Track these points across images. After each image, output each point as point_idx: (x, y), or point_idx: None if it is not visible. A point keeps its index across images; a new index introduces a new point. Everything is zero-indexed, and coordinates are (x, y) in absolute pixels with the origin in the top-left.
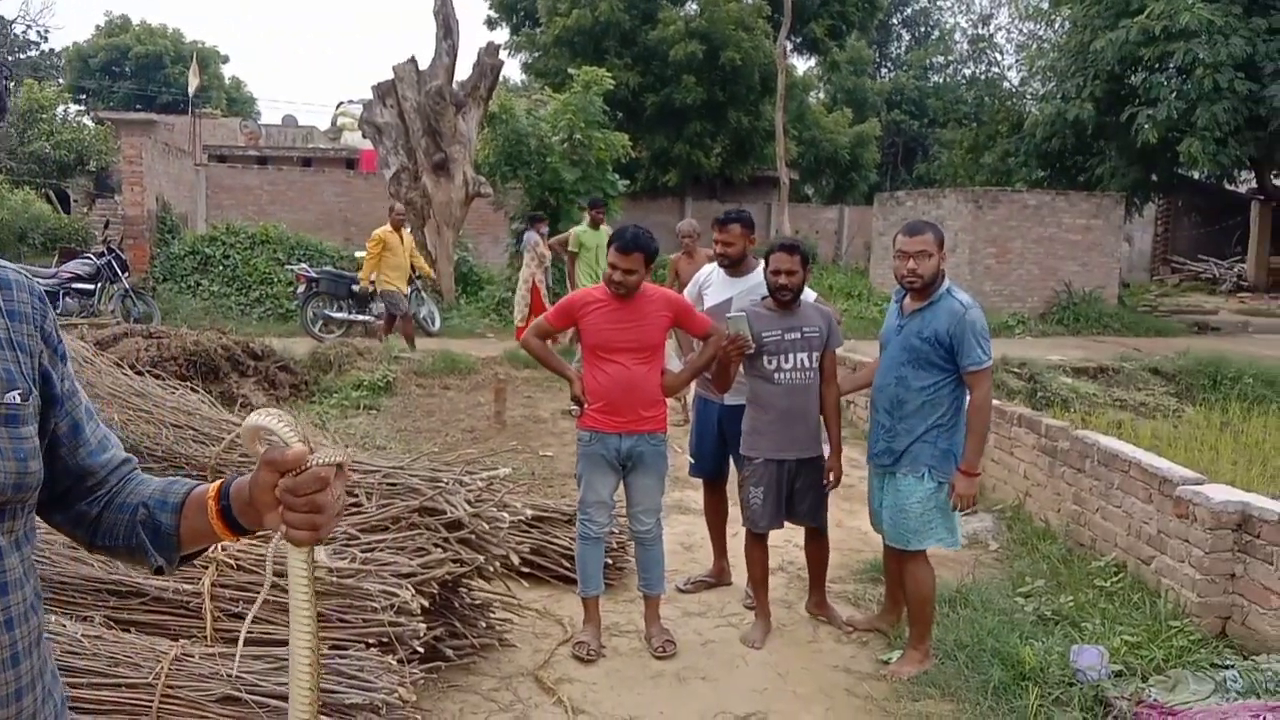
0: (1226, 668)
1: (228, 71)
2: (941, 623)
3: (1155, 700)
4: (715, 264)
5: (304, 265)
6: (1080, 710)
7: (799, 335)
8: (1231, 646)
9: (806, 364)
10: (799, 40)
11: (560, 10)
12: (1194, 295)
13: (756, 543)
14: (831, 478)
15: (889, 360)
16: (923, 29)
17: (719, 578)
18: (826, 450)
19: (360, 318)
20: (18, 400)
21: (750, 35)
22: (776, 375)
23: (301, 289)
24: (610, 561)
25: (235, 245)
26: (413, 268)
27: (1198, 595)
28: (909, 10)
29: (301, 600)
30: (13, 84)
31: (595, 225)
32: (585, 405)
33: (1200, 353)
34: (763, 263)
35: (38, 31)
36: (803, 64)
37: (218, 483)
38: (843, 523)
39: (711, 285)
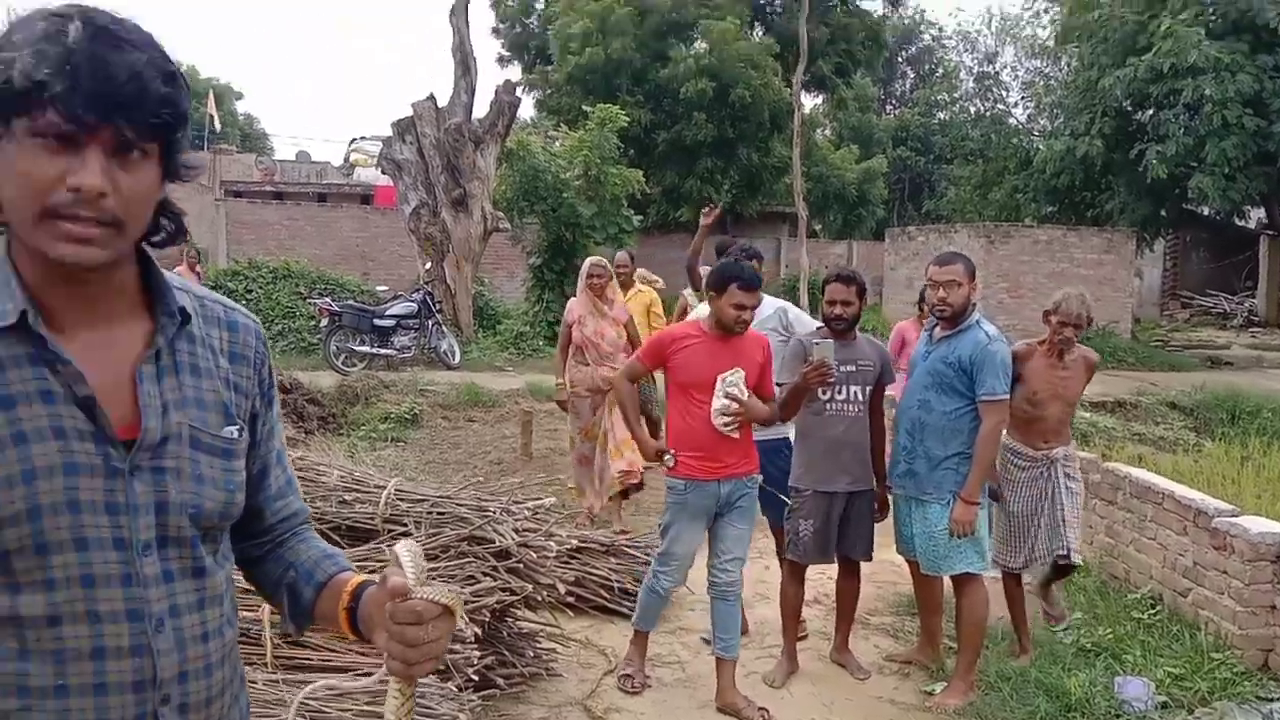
0: (1272, 700)
1: (241, 108)
2: (982, 654)
3: None
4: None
5: (327, 299)
6: None
7: (854, 368)
8: (1276, 679)
9: (859, 397)
10: (807, 78)
11: (572, 49)
12: (1205, 330)
13: (795, 576)
14: (879, 510)
15: (914, 384)
16: (927, 67)
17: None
18: None
19: (383, 351)
20: (234, 435)
21: (760, 73)
22: (828, 407)
23: (325, 323)
24: None
25: (257, 280)
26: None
27: (1238, 627)
28: (913, 49)
29: None
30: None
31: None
32: (674, 455)
33: (1216, 387)
34: (765, 297)
35: None
36: (810, 101)
37: (358, 580)
38: (874, 555)
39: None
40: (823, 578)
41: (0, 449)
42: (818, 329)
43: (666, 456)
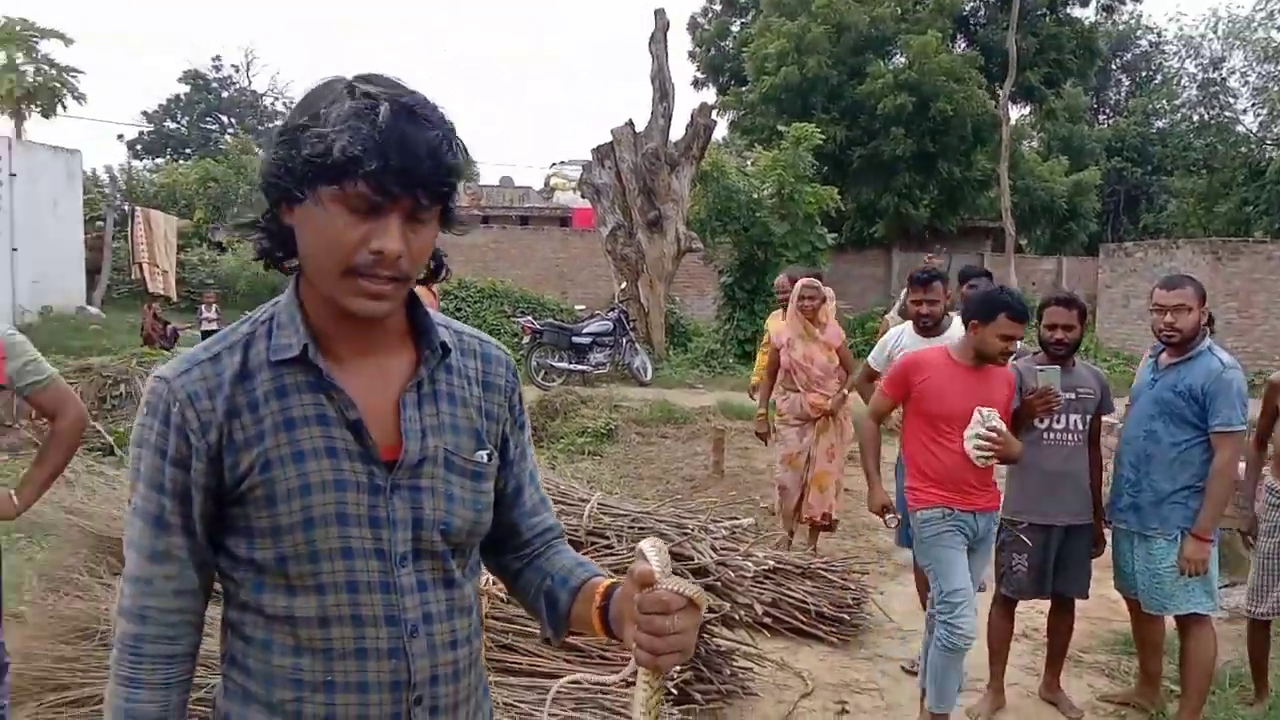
0: None
1: None
2: (1207, 699)
3: None
4: (904, 324)
5: (529, 318)
6: None
7: (1074, 395)
8: None
9: (1079, 426)
10: (1014, 89)
11: (768, 69)
12: None
13: (1005, 611)
14: (1096, 545)
15: (1138, 414)
16: (1144, 73)
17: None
18: None
19: (579, 368)
20: (484, 460)
21: (962, 86)
22: (1046, 436)
23: (527, 340)
24: (846, 617)
25: (466, 299)
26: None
27: None
28: (1129, 55)
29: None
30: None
31: None
32: (896, 516)
33: None
34: (957, 318)
35: (284, 103)
36: (1016, 112)
37: (609, 582)
38: (1090, 590)
39: (904, 347)
40: (1032, 611)
41: (283, 465)
42: (1033, 354)
43: (888, 516)
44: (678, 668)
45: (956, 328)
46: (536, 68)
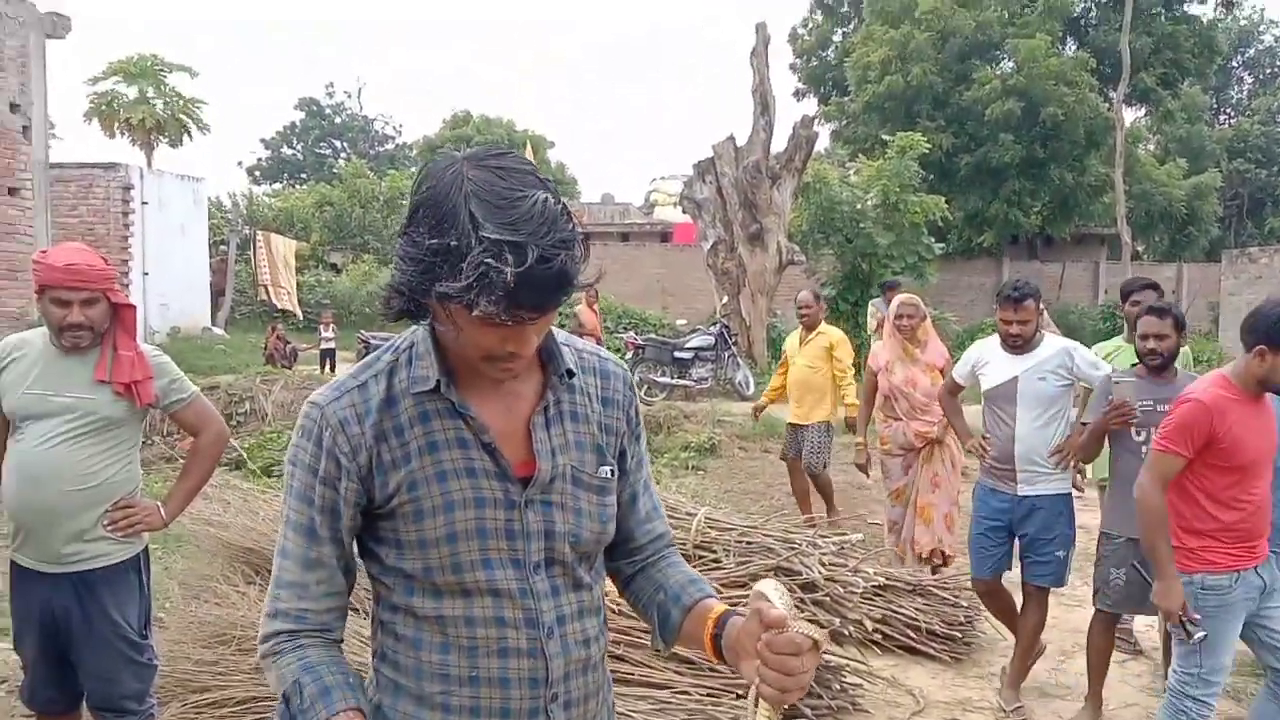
0: None
1: (553, 156)
2: None
3: None
4: (993, 339)
5: (631, 333)
6: None
7: (1169, 407)
8: None
9: None
10: (1128, 91)
11: (870, 78)
12: None
13: (1104, 625)
14: None
15: None
16: (1269, 70)
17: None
18: None
19: (681, 382)
20: (608, 475)
21: (1073, 89)
22: (1145, 449)
23: (630, 355)
24: (958, 635)
25: (571, 316)
26: None
27: None
28: (1251, 51)
29: None
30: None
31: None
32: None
33: None
34: (1046, 335)
35: (393, 128)
36: (1131, 114)
37: (721, 609)
38: None
39: (989, 363)
40: (1152, 630)
41: (428, 485)
42: (1132, 366)
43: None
44: None
45: (1048, 346)
46: (635, 84)
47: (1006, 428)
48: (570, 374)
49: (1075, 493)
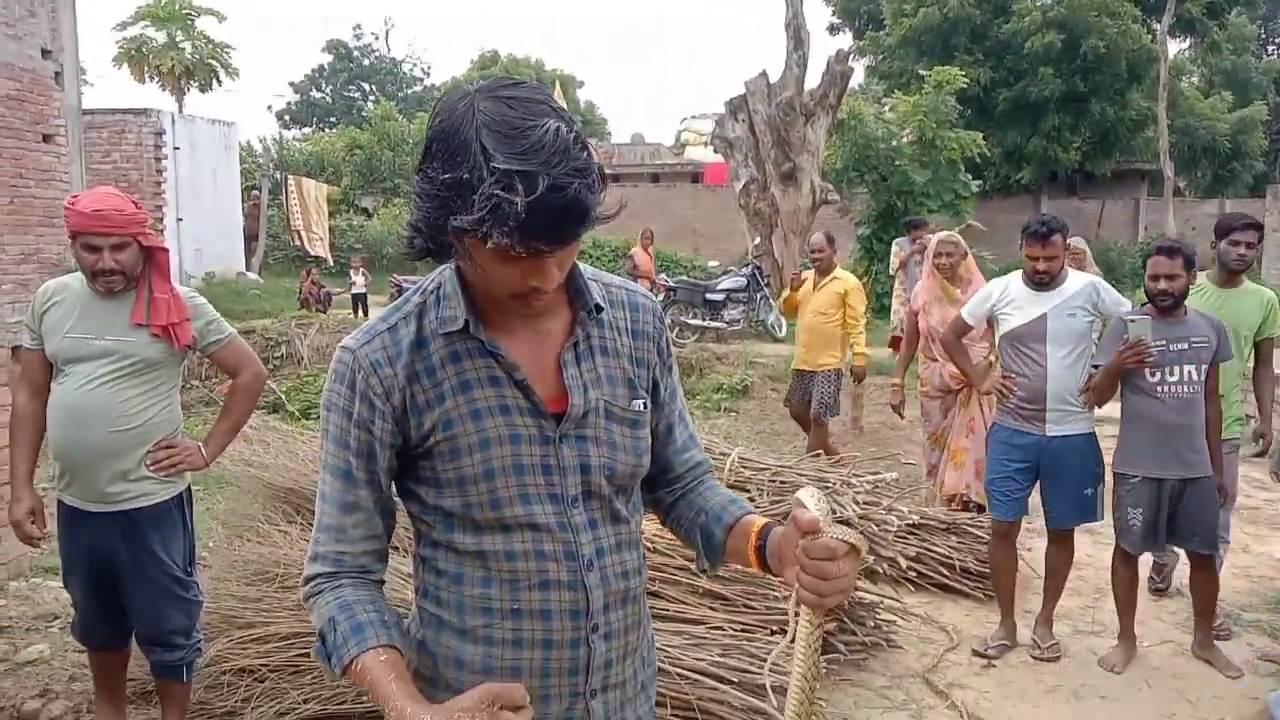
0: None
1: (582, 96)
2: None
3: None
4: (1013, 274)
5: (663, 275)
6: None
7: (1186, 345)
8: None
9: (1194, 376)
10: (1173, 21)
11: (906, 11)
12: None
13: (1126, 563)
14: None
15: None
16: None
17: (1011, 638)
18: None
19: (713, 324)
20: (641, 408)
21: (1116, 20)
22: (1160, 389)
23: (660, 297)
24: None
25: (600, 258)
26: None
27: None
28: None
29: (800, 656)
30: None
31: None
32: None
33: None
34: (1073, 273)
35: (422, 69)
36: (1175, 46)
37: (763, 522)
38: (1250, 548)
39: (1013, 301)
40: (1185, 567)
41: (463, 423)
42: (1142, 306)
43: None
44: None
45: (1074, 281)
46: (668, 23)
47: (1038, 366)
48: (598, 309)
49: None
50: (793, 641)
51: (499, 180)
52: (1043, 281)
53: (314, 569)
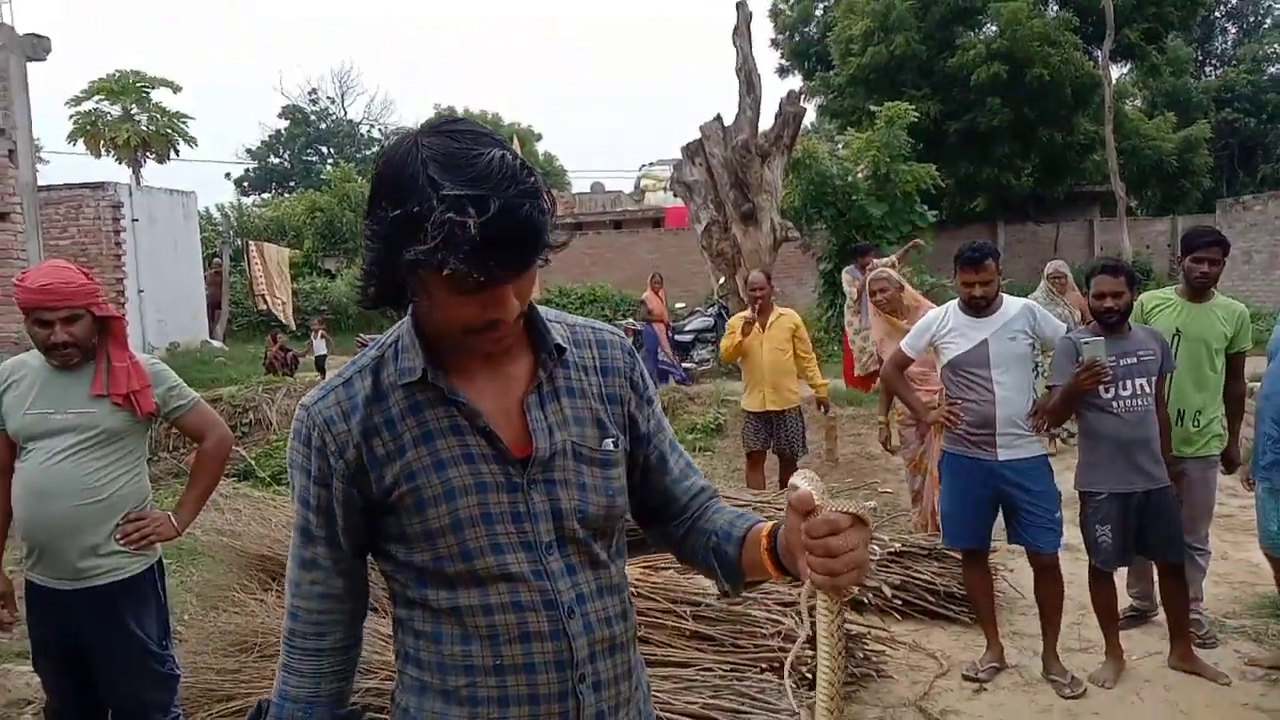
0: None
1: (540, 148)
2: None
3: None
4: (950, 306)
5: (631, 320)
6: None
7: (1135, 360)
8: None
9: (1146, 389)
10: (1113, 48)
11: (853, 50)
12: None
13: (1102, 581)
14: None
15: (1277, 370)
16: (1251, 19)
17: (1000, 660)
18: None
19: (684, 365)
20: (611, 448)
21: (1058, 49)
22: (1115, 404)
23: (629, 341)
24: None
25: (567, 305)
26: None
27: None
28: (1233, 2)
29: (824, 647)
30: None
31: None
32: None
33: None
34: (1007, 298)
35: (379, 129)
36: (1116, 71)
37: (771, 525)
38: (1229, 555)
39: (953, 329)
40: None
41: (426, 474)
42: (1087, 325)
43: None
44: (809, 653)
45: (1011, 306)
46: (619, 70)
47: (985, 392)
48: (560, 350)
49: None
50: (813, 635)
51: (450, 205)
52: (979, 306)
53: (284, 623)
